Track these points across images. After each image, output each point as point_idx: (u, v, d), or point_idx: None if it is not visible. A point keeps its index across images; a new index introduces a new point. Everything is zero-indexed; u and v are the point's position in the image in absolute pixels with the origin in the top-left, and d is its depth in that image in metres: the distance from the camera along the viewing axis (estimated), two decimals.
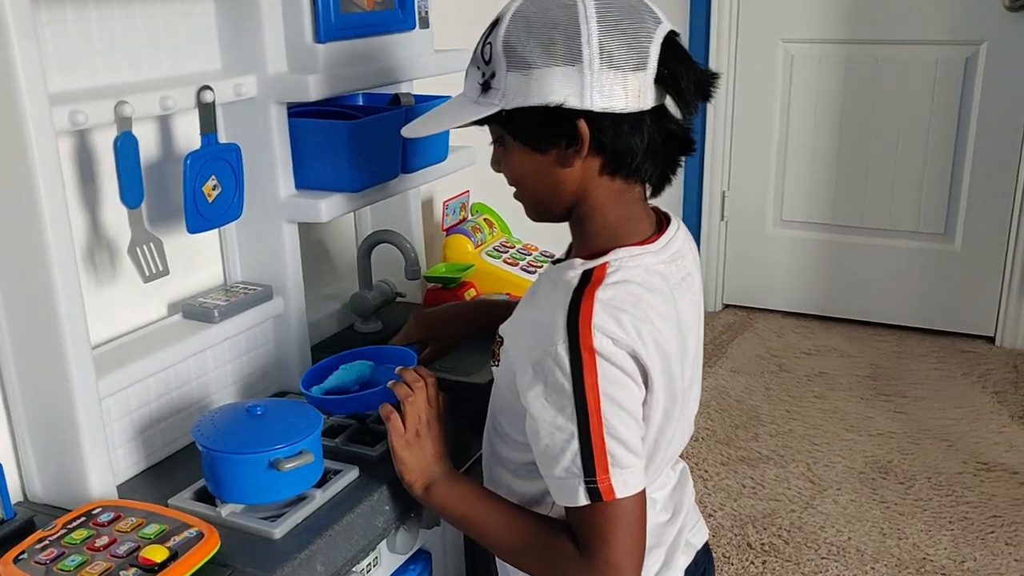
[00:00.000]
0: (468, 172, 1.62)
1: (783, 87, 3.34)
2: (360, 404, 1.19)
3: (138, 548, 0.96)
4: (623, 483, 0.93)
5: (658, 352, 0.95)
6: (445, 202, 1.79)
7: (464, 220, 1.82)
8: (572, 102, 0.92)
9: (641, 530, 0.96)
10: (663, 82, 0.95)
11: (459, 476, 1.11)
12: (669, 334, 0.97)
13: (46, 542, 0.98)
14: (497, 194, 2.02)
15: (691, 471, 1.20)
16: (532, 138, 0.97)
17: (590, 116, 0.93)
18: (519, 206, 1.07)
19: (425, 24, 1.48)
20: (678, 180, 1.05)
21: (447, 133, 1.49)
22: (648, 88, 0.94)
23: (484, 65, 0.97)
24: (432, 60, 1.49)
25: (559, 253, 1.82)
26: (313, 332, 1.45)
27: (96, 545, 0.97)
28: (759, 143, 3.42)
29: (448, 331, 1.36)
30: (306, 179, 1.32)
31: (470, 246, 1.75)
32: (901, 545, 2.16)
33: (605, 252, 0.98)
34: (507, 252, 1.76)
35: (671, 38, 0.96)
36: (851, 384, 2.97)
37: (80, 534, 0.99)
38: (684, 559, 1.13)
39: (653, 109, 0.96)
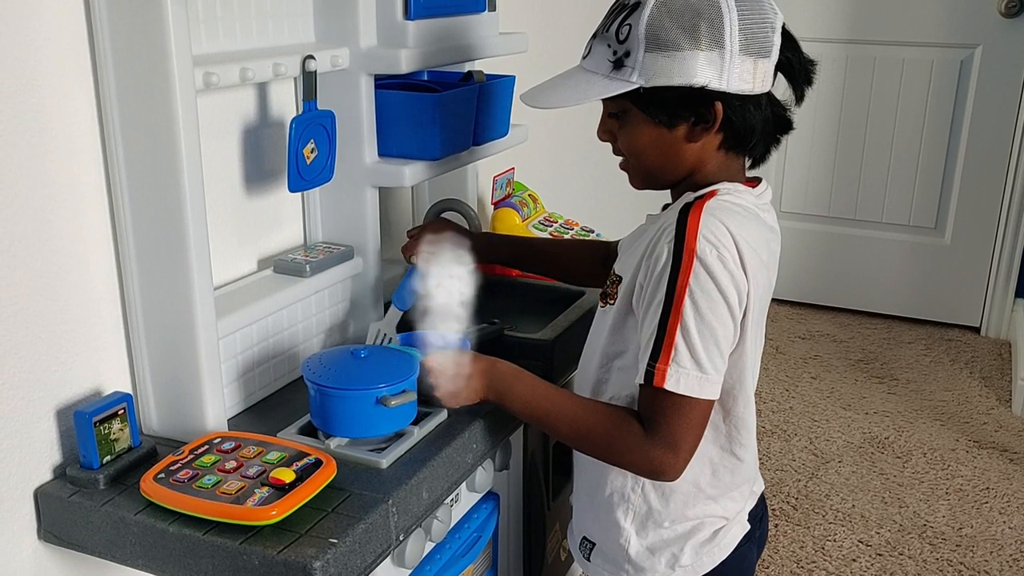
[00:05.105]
0: (512, 150, 1.72)
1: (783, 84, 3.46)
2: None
3: (266, 471, 1.06)
4: (677, 379, 1.00)
5: (755, 265, 1.04)
6: (495, 177, 1.89)
7: (510, 195, 1.92)
8: (713, 84, 1.02)
9: (697, 433, 1.04)
10: (780, 67, 1.06)
11: (519, 369, 1.15)
12: (758, 261, 1.06)
13: (179, 465, 1.08)
14: (532, 173, 2.13)
15: None
16: (665, 114, 1.06)
17: (725, 97, 1.03)
18: (553, 185, 1.16)
19: (493, 7, 1.58)
20: None
21: (510, 109, 1.60)
22: (770, 73, 1.06)
23: (617, 44, 1.04)
24: (499, 40, 1.59)
25: (596, 227, 1.94)
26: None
27: (226, 468, 1.07)
28: None
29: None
30: (388, 147, 1.42)
31: (518, 219, 1.85)
32: (902, 512, 2.30)
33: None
34: (552, 226, 1.86)
35: (784, 27, 1.07)
36: (844, 367, 3.11)
37: (208, 459, 1.09)
38: (751, 503, 1.24)
39: (768, 92, 1.07)
